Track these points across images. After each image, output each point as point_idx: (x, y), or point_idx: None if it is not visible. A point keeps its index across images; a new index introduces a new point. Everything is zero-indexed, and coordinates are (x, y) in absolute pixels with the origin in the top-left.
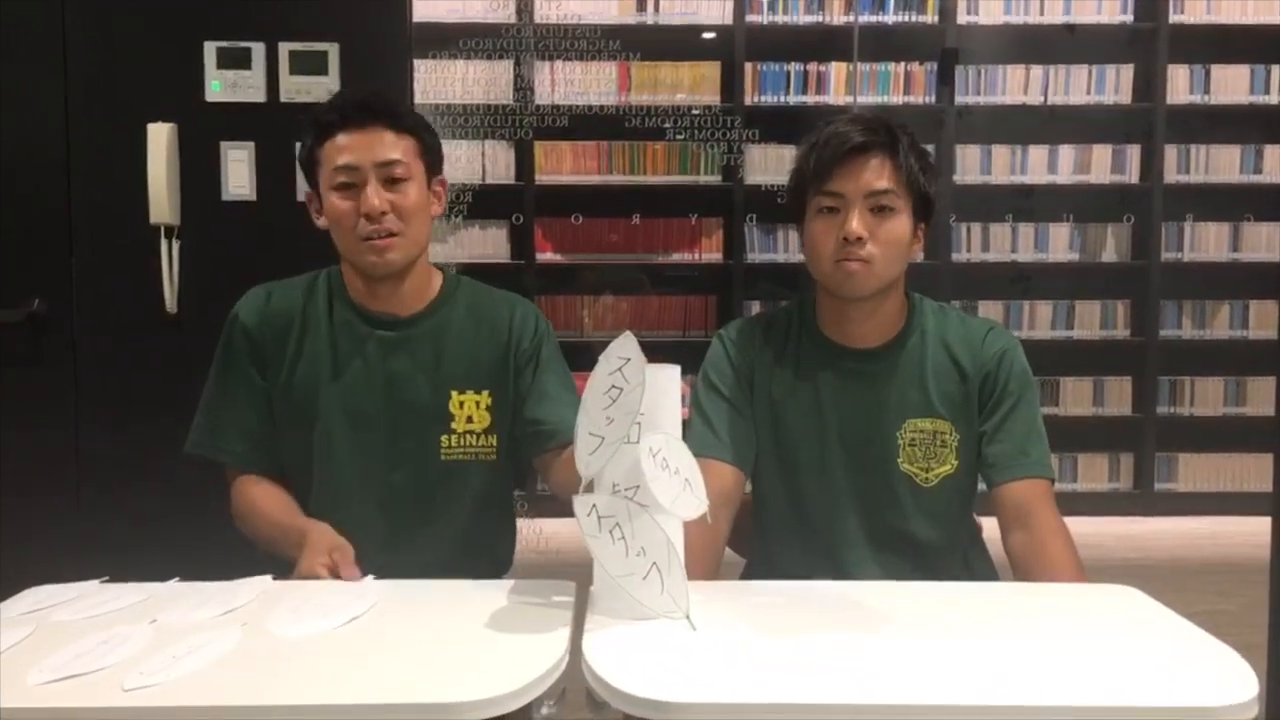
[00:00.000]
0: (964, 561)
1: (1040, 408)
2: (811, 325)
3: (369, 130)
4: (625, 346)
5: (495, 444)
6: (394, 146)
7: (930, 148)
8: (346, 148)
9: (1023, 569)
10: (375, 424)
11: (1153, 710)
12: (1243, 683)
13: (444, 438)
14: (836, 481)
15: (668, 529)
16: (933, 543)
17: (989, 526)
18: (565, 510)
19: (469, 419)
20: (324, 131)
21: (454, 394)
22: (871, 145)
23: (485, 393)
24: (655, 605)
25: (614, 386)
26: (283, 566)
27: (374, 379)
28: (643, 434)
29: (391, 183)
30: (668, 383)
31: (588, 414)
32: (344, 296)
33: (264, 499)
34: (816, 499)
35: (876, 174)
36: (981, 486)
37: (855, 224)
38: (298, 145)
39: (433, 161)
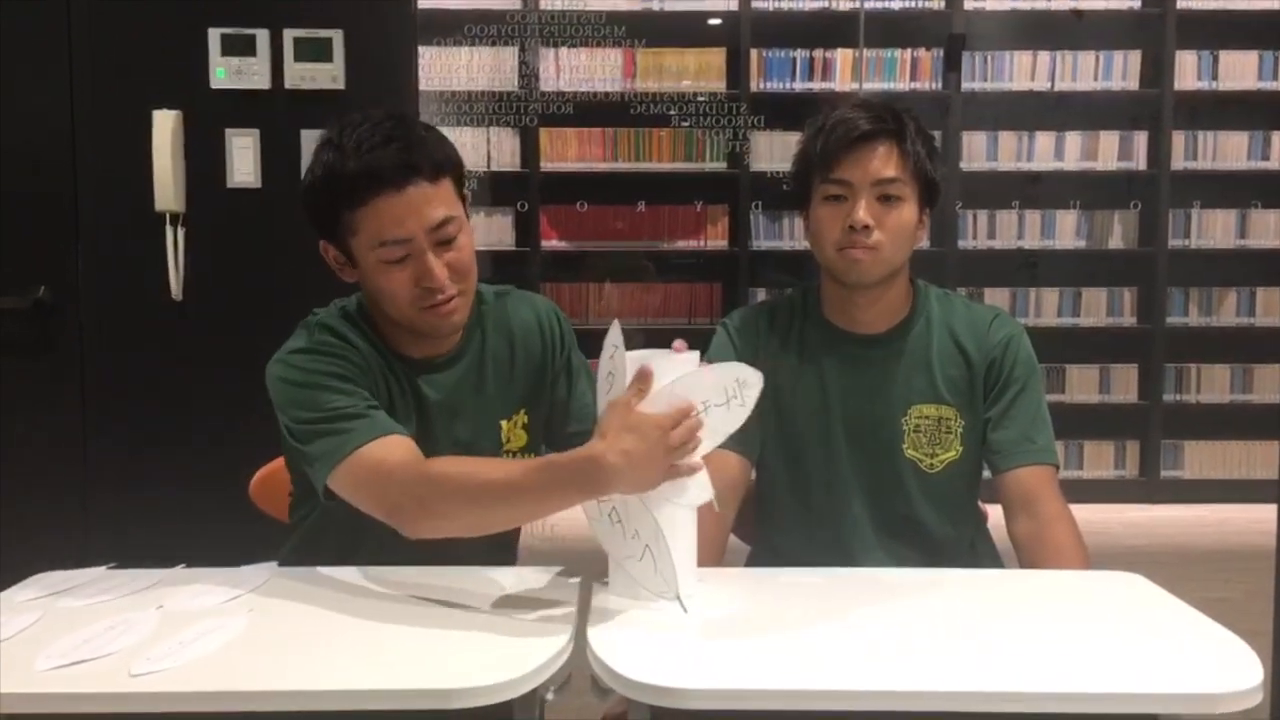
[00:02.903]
0: (970, 548)
1: (1045, 394)
2: (816, 312)
3: (408, 189)
4: (614, 335)
5: None
6: (440, 201)
7: (937, 134)
8: (392, 219)
9: (1027, 555)
10: None
11: (1158, 697)
12: (1248, 669)
13: None
14: (841, 467)
15: (658, 513)
16: (938, 529)
17: (994, 515)
18: None
19: (508, 439)
20: (355, 195)
21: (503, 424)
22: (879, 133)
23: (523, 412)
24: (650, 585)
25: (609, 373)
26: (284, 557)
27: (430, 425)
28: None
29: (444, 241)
30: (672, 372)
31: (598, 399)
32: (377, 339)
33: (472, 465)
34: (821, 485)
35: (884, 162)
36: (986, 474)
37: (862, 213)
38: (302, 186)
39: (463, 184)
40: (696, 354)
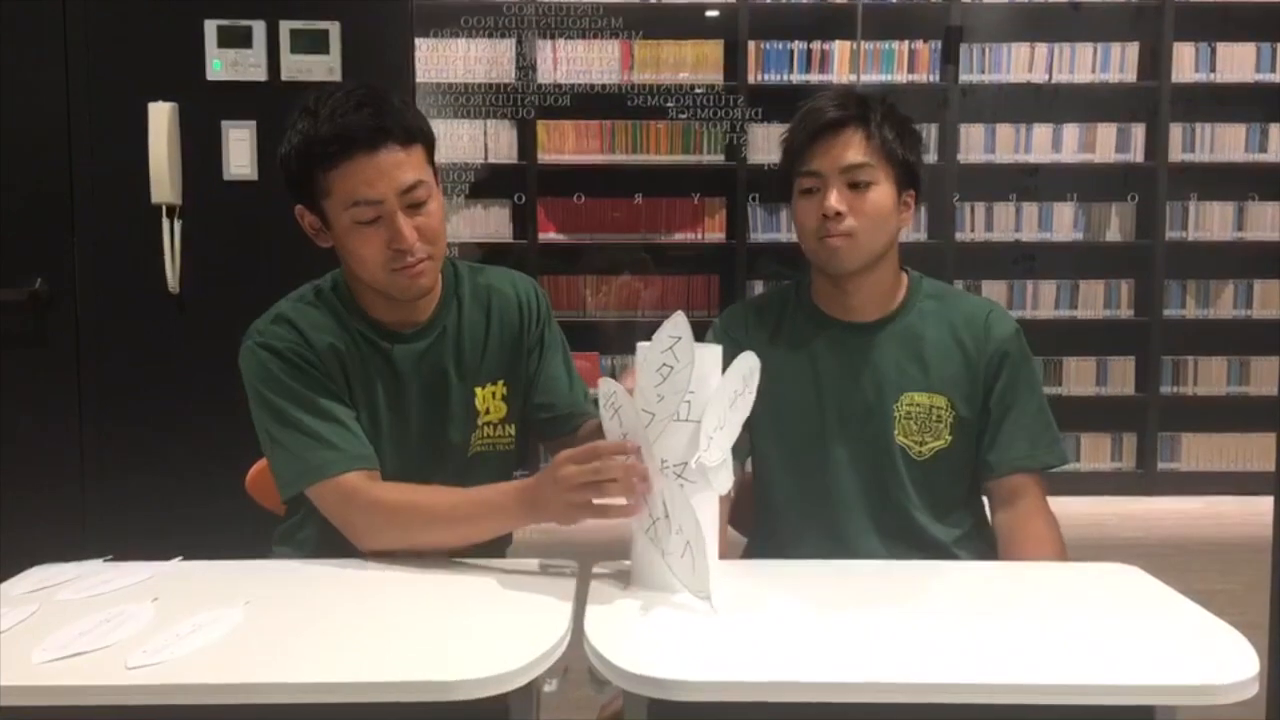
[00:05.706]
0: (961, 545)
1: (1042, 388)
2: (808, 302)
3: (381, 153)
4: (676, 325)
5: (513, 433)
6: (410, 166)
7: (934, 127)
8: (364, 180)
9: (1004, 543)
10: (415, 438)
11: (1154, 688)
12: (1244, 661)
13: (474, 434)
14: (834, 451)
15: (706, 508)
16: (927, 514)
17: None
18: None
19: (487, 410)
20: (329, 157)
21: (479, 391)
22: (844, 120)
23: (500, 383)
24: (688, 582)
25: (665, 365)
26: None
27: (406, 393)
28: (695, 411)
29: (415, 205)
30: (710, 362)
31: (640, 391)
32: (357, 311)
33: (415, 492)
34: (815, 472)
35: (850, 148)
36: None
37: (833, 200)
38: (280, 153)
39: (433, 157)
40: (719, 348)
